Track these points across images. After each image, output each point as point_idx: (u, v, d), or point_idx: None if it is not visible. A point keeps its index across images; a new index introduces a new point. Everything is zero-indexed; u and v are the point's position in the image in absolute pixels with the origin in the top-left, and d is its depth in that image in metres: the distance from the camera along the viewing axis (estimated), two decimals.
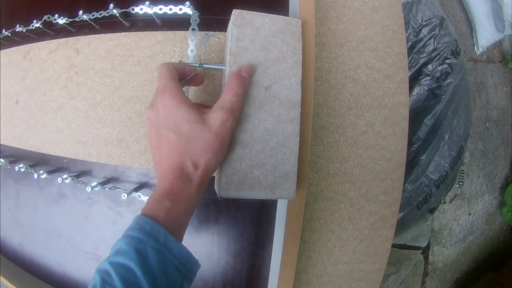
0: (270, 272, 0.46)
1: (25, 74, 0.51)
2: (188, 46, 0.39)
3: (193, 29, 0.39)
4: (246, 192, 0.34)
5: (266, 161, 0.34)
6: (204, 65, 0.36)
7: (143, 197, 0.43)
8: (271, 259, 0.46)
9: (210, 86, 0.42)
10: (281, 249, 0.40)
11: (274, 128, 0.34)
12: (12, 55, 0.54)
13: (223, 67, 0.36)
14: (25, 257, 0.54)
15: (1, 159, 0.52)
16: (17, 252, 0.54)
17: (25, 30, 0.51)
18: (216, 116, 0.31)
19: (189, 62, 0.38)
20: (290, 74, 0.35)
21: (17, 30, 0.52)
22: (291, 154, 0.34)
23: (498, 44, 1.43)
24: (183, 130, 0.31)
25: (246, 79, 0.33)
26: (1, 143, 0.54)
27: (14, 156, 0.53)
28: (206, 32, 0.40)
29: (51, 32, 0.51)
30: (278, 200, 0.45)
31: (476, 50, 1.38)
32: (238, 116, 0.33)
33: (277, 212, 0.45)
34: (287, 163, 0.34)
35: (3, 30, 0.54)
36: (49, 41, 0.50)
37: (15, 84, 0.53)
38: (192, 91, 0.42)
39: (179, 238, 0.32)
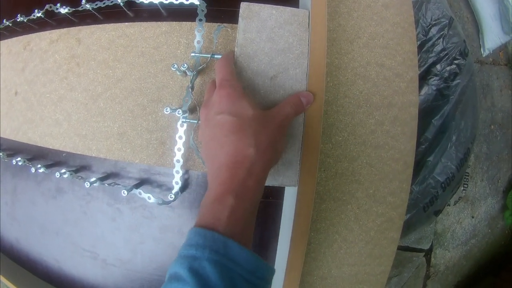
0: (275, 274, 0.44)
1: (25, 65, 0.50)
2: (195, 37, 0.38)
3: (200, 20, 0.38)
4: None
5: None
6: (215, 56, 0.37)
7: (144, 194, 0.42)
8: (275, 260, 0.44)
9: None
10: (288, 251, 0.38)
11: None
12: (12, 45, 0.52)
13: None
14: (21, 252, 0.52)
15: (0, 152, 0.51)
16: (14, 247, 0.53)
17: (26, 20, 0.50)
18: (281, 109, 0.30)
19: (197, 53, 0.38)
20: (295, 64, 0.35)
21: (18, 20, 0.50)
22: (294, 143, 0.34)
23: (504, 47, 1.42)
24: (246, 114, 0.28)
25: (306, 103, 0.33)
26: (0, 136, 0.53)
27: (13, 149, 0.52)
28: (219, 24, 0.39)
29: (53, 22, 0.49)
30: (284, 199, 0.43)
31: (482, 52, 1.37)
32: None
33: (283, 212, 0.44)
34: (289, 151, 0.34)
35: (4, 20, 0.52)
36: (50, 31, 0.48)
37: (14, 75, 0.51)
38: (199, 81, 0.41)
39: (247, 242, 0.27)
